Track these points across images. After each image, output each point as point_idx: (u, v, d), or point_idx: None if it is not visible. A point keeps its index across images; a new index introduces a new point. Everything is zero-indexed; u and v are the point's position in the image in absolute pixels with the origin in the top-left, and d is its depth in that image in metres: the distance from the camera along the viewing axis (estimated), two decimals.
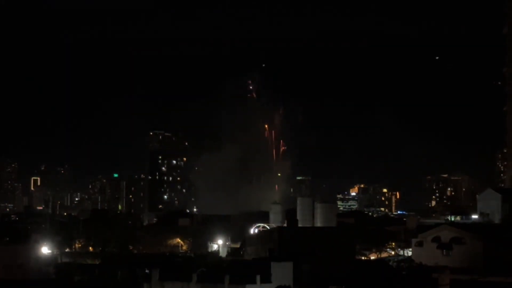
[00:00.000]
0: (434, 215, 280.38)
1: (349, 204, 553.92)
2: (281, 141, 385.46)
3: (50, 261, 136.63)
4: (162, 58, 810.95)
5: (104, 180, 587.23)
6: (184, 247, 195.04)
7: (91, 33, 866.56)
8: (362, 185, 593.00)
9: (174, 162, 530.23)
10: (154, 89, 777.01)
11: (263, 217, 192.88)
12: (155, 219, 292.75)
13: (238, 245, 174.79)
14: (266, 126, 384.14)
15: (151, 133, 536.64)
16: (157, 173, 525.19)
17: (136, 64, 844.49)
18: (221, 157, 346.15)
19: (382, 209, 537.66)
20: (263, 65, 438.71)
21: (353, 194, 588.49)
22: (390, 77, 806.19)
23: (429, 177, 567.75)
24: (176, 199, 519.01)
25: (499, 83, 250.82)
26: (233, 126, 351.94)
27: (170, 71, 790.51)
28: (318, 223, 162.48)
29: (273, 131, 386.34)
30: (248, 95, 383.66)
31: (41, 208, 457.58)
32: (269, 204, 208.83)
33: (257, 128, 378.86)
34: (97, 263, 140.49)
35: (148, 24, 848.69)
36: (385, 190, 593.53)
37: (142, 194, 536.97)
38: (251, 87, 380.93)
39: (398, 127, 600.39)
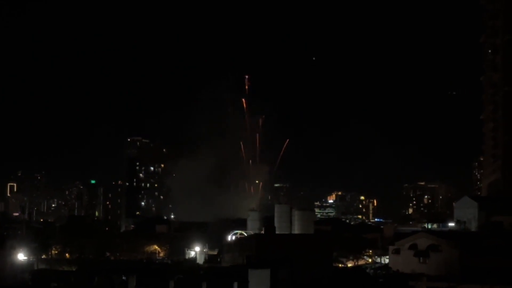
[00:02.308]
0: (411, 222, 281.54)
1: (326, 211, 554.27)
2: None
3: (26, 268, 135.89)
4: (140, 63, 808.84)
5: (81, 187, 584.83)
6: (161, 254, 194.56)
7: (68, 39, 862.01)
8: (339, 193, 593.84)
9: (152, 168, 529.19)
10: (133, 95, 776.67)
11: (241, 224, 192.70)
12: (132, 225, 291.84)
13: (215, 252, 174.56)
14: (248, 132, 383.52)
15: (128, 139, 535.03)
16: (134, 180, 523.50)
17: (113, 69, 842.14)
18: (198, 163, 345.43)
19: (360, 216, 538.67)
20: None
21: (331, 201, 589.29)
22: (368, 84, 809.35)
23: (406, 184, 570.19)
24: (153, 205, 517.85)
25: (454, 93, 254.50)
26: (211, 132, 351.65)
27: (148, 76, 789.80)
28: (296, 230, 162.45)
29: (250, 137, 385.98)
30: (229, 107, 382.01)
31: (17, 214, 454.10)
32: (247, 211, 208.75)
33: (235, 134, 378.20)
34: (74, 269, 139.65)
35: (124, 28, 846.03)
36: (362, 197, 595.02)
37: (119, 200, 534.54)
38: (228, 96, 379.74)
39: (376, 135, 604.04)
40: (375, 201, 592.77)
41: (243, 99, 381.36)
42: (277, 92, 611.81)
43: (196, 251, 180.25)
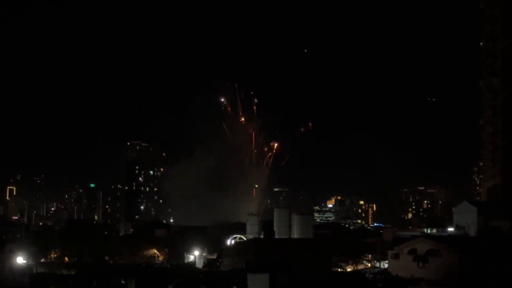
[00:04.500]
0: (410, 227, 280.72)
1: (325, 216, 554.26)
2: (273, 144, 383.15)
3: (25, 271, 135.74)
4: (140, 63, 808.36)
5: (81, 190, 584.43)
6: (161, 258, 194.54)
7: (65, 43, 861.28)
8: (339, 197, 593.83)
9: (151, 172, 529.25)
10: (132, 96, 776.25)
11: (240, 228, 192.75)
12: (131, 229, 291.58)
13: (214, 256, 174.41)
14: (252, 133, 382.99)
15: (128, 143, 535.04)
16: (134, 184, 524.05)
17: (113, 70, 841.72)
18: (196, 167, 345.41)
19: (359, 221, 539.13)
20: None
21: (330, 206, 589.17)
22: (367, 89, 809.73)
23: (405, 189, 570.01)
24: (152, 209, 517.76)
25: (434, 99, 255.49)
26: (209, 135, 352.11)
27: (148, 77, 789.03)
28: (295, 235, 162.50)
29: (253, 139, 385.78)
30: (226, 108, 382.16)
31: (16, 217, 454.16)
32: (246, 215, 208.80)
33: (234, 137, 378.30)
34: (73, 273, 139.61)
35: (124, 28, 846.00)
36: (361, 202, 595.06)
37: (118, 204, 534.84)
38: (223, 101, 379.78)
39: (375, 139, 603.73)
40: (374, 206, 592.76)
41: (239, 102, 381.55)
42: (275, 95, 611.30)
43: (195, 255, 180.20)
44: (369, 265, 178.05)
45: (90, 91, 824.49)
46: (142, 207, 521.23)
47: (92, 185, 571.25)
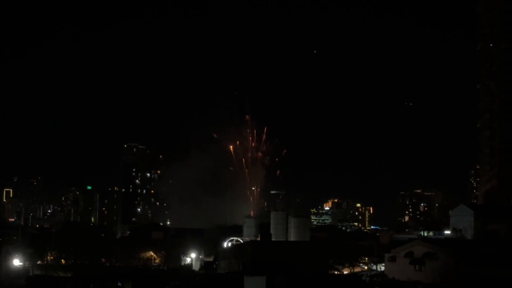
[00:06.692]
0: (407, 230, 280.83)
1: (322, 218, 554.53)
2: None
3: (21, 274, 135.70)
4: (139, 65, 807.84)
5: (77, 192, 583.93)
6: (157, 260, 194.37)
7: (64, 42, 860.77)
8: (335, 200, 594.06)
9: (148, 174, 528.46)
10: (130, 97, 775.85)
11: (237, 230, 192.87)
12: (128, 231, 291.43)
13: (211, 259, 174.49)
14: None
15: (125, 146, 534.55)
16: (130, 186, 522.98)
17: (112, 70, 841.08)
18: (193, 170, 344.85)
19: (356, 223, 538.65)
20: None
21: (327, 208, 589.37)
22: (366, 92, 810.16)
23: (402, 192, 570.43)
24: (149, 212, 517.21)
25: (411, 104, 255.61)
26: (206, 137, 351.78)
27: (147, 78, 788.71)
28: (292, 237, 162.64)
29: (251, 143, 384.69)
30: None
31: (13, 220, 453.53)
32: (243, 218, 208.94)
33: (229, 139, 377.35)
34: (69, 276, 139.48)
35: (121, 32, 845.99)
36: (358, 204, 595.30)
37: (115, 206, 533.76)
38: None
39: (373, 142, 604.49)
40: (371, 209, 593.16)
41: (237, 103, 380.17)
42: (274, 96, 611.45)
43: (192, 257, 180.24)
44: (365, 268, 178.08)
45: (88, 93, 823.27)
46: (138, 209, 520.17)
47: (89, 187, 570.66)
